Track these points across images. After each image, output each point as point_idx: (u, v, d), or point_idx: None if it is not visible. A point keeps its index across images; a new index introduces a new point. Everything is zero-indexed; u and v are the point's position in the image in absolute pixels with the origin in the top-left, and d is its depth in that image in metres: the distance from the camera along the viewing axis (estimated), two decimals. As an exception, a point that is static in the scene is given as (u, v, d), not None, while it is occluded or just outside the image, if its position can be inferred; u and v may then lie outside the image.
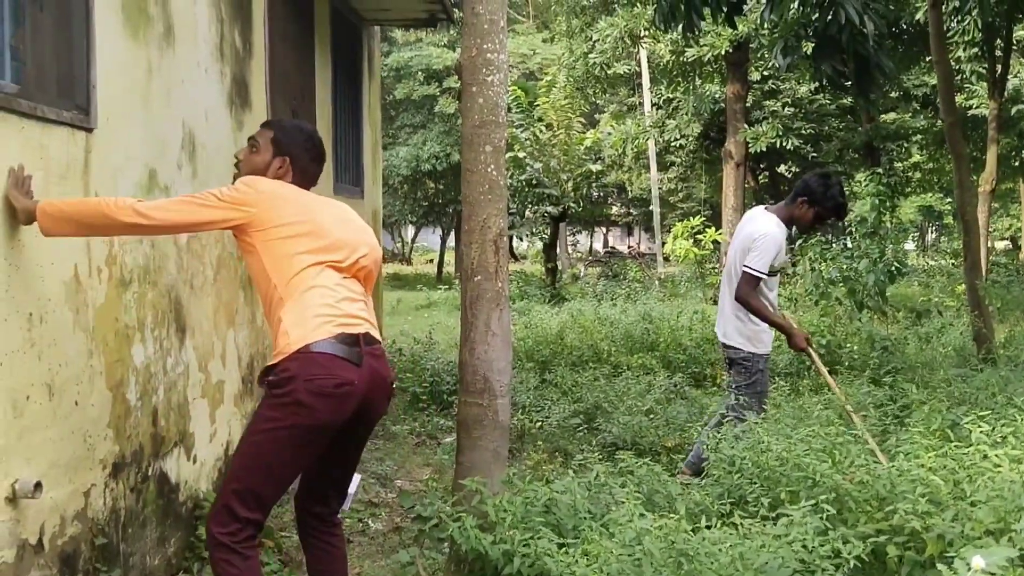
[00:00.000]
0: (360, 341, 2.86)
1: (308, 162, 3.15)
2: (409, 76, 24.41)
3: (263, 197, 2.88)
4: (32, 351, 2.79)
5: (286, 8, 5.40)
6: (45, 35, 3.01)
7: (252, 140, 3.16)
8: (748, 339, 5.05)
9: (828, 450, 3.50)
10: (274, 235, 2.85)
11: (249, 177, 2.97)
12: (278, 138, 3.11)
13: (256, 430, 2.81)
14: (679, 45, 15.60)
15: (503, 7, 3.62)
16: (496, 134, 3.70)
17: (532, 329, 9.96)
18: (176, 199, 2.93)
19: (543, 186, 16.54)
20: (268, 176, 3.04)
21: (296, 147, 3.11)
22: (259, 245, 2.86)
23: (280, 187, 2.99)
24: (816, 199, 5.02)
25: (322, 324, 2.79)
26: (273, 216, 2.86)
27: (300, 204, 2.95)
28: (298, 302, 2.81)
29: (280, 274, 2.84)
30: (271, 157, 3.08)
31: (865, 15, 5.72)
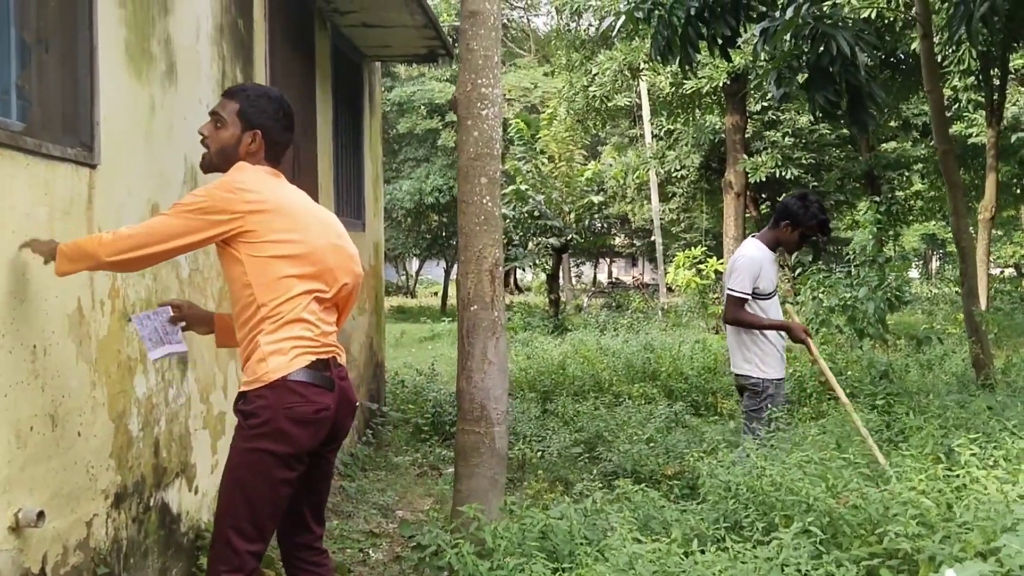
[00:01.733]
0: (331, 365, 2.88)
1: (280, 132, 2.97)
2: (412, 110, 24.65)
3: (252, 206, 2.74)
4: (36, 382, 2.85)
5: (287, 45, 5.51)
6: (50, 75, 3.10)
7: (215, 114, 2.95)
8: (755, 364, 5.13)
9: (822, 474, 3.53)
10: (265, 251, 2.75)
11: (233, 180, 2.79)
12: (244, 110, 2.91)
13: (239, 463, 2.78)
14: (678, 77, 15.76)
15: (497, 44, 3.71)
16: (491, 166, 3.78)
17: (534, 360, 10.01)
18: (151, 220, 2.81)
19: (545, 218, 16.65)
20: (240, 153, 2.90)
21: (266, 117, 2.92)
22: (245, 259, 2.75)
23: (270, 192, 2.82)
24: (798, 220, 5.16)
25: (300, 354, 2.79)
26: (263, 230, 2.75)
27: (293, 217, 2.82)
28: (281, 329, 2.77)
29: (266, 294, 2.76)
30: (240, 132, 2.91)
31: (857, 47, 5.82)
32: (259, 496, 2.77)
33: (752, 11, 6.67)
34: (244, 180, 2.80)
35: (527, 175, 16.59)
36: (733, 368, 5.31)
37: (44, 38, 3.07)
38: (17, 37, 2.93)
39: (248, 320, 2.80)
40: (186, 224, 2.72)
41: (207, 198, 2.74)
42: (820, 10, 6.28)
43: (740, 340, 5.18)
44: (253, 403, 2.75)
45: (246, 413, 2.77)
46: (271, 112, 2.93)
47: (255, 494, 2.76)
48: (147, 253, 2.72)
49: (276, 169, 2.98)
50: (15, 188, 2.75)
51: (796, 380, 8.20)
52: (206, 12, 4.20)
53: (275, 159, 2.97)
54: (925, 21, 6.70)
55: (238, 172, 2.85)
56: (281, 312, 2.78)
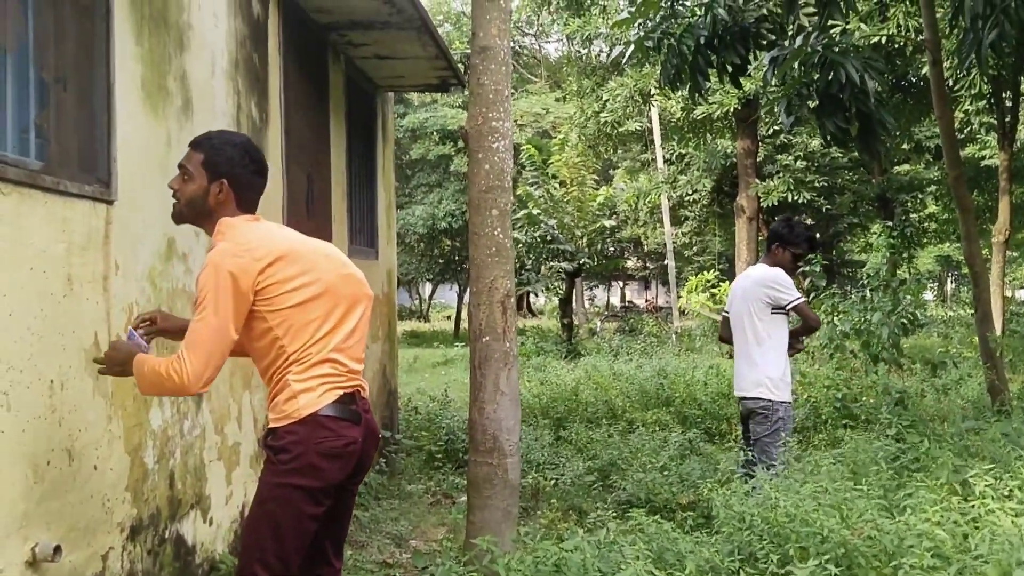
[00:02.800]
0: (356, 398, 2.90)
1: (250, 177, 2.89)
2: (425, 136, 24.81)
3: (263, 262, 2.72)
4: (53, 417, 2.88)
5: (301, 78, 5.58)
6: (68, 113, 3.15)
7: (182, 167, 2.89)
8: (766, 387, 5.13)
9: (837, 505, 3.52)
10: (286, 302, 2.75)
11: (234, 246, 2.74)
12: (209, 159, 2.84)
13: (268, 498, 2.79)
14: (689, 102, 15.82)
15: (507, 78, 3.75)
16: (502, 198, 3.81)
17: (547, 385, 10.00)
18: (194, 333, 2.68)
19: (558, 242, 16.69)
20: (210, 204, 2.84)
21: (232, 165, 2.85)
22: (268, 315, 2.75)
23: (270, 241, 2.80)
24: (787, 240, 5.34)
25: (329, 390, 2.81)
26: (279, 281, 2.74)
27: (301, 259, 2.82)
28: (311, 369, 2.79)
29: (295, 341, 2.77)
30: (207, 183, 2.84)
31: (865, 74, 5.83)
32: (287, 530, 2.78)
33: (761, 39, 6.71)
34: (241, 240, 2.77)
35: (539, 200, 16.64)
36: (740, 392, 5.30)
37: (62, 77, 3.13)
38: (36, 76, 2.99)
39: (275, 364, 2.81)
40: (224, 314, 2.67)
41: (222, 278, 2.67)
42: (829, 38, 6.31)
43: (751, 361, 5.20)
44: (284, 439, 2.77)
45: (276, 449, 2.78)
46: (237, 159, 2.86)
47: (283, 529, 2.77)
48: (217, 362, 2.70)
49: (254, 214, 2.93)
50: (33, 225, 2.80)
51: (811, 406, 8.16)
52: (221, 48, 4.27)
53: (249, 205, 2.91)
54: (935, 48, 6.72)
55: (230, 232, 2.80)
56: (310, 354, 2.80)
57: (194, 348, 2.66)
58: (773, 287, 5.21)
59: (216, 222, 2.86)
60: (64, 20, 3.12)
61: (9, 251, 2.67)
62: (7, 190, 2.67)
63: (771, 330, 5.20)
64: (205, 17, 4.08)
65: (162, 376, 2.68)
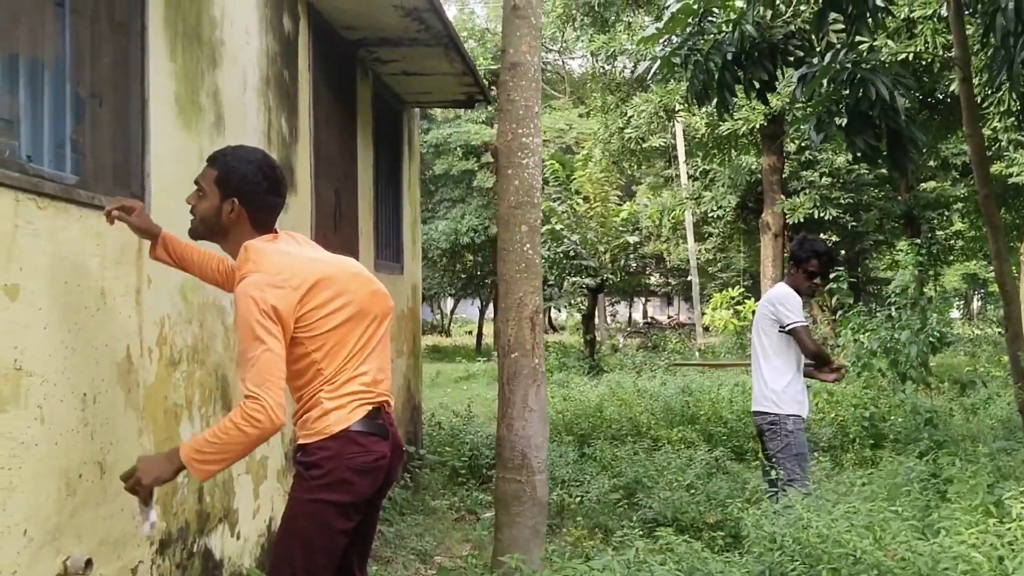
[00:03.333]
0: (382, 412, 2.90)
1: (264, 197, 2.82)
2: (448, 152, 24.89)
3: (300, 291, 2.69)
4: (85, 430, 2.89)
5: (330, 94, 5.61)
6: (103, 128, 3.18)
7: (198, 182, 2.84)
8: (771, 400, 5.10)
9: (870, 526, 3.48)
10: (323, 327, 2.74)
11: (267, 275, 2.67)
12: (222, 176, 2.78)
13: (299, 513, 2.78)
14: (714, 118, 15.80)
15: (537, 95, 3.76)
16: (531, 214, 3.81)
17: (571, 402, 9.97)
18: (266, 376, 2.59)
19: (580, 258, 16.67)
20: (223, 223, 2.79)
21: (245, 183, 2.78)
22: (306, 340, 2.72)
23: (299, 264, 2.76)
24: (800, 258, 5.30)
25: (359, 405, 2.81)
26: (317, 310, 2.73)
27: (334, 281, 2.79)
28: (344, 386, 2.79)
29: (331, 362, 2.76)
30: (219, 201, 2.78)
31: (896, 90, 5.80)
32: (318, 546, 2.77)
33: (789, 56, 6.70)
34: (273, 269, 2.70)
35: (562, 215, 16.64)
36: (754, 405, 5.31)
37: (98, 93, 3.16)
38: (72, 92, 3.02)
39: (309, 384, 2.78)
40: (276, 342, 2.63)
41: (265, 311, 2.62)
42: (858, 54, 6.28)
43: (760, 377, 5.22)
44: (315, 455, 2.75)
45: (307, 465, 2.77)
46: (250, 177, 2.78)
47: (314, 544, 2.77)
48: (279, 387, 2.63)
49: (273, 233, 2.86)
50: (68, 239, 2.82)
51: (838, 425, 8.09)
52: (253, 64, 4.30)
53: (264, 225, 2.84)
54: (964, 65, 6.68)
55: (258, 258, 2.73)
56: (344, 371, 2.80)
57: (266, 381, 2.58)
58: (777, 306, 5.20)
59: (231, 241, 2.84)
60: (100, 37, 3.15)
61: (45, 265, 2.69)
62: (43, 204, 2.69)
63: (778, 348, 5.18)
64: (237, 34, 4.12)
65: (239, 430, 2.57)
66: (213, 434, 2.60)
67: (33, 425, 2.62)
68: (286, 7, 4.83)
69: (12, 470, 2.53)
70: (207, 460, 2.61)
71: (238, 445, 2.61)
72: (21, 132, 2.76)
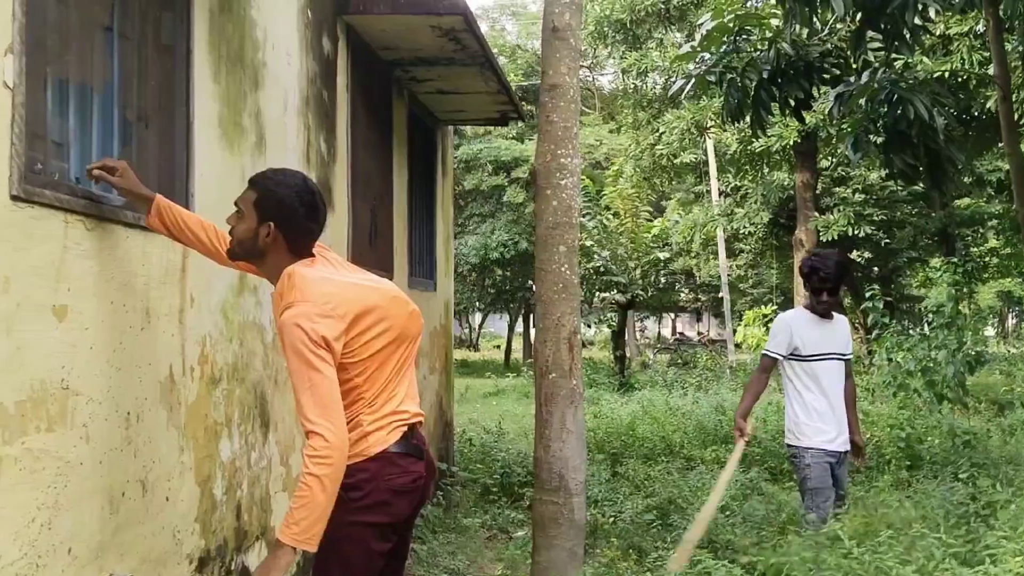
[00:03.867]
0: (416, 432, 2.90)
1: (301, 222, 2.78)
2: (478, 167, 24.98)
3: (346, 319, 2.67)
4: (129, 448, 2.92)
5: (367, 114, 5.66)
6: (150, 150, 3.23)
7: (237, 204, 2.83)
8: (791, 431, 5.01)
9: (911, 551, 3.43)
10: (366, 352, 2.74)
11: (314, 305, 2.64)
12: (261, 199, 2.77)
13: (338, 536, 2.74)
14: (746, 135, 15.74)
15: (576, 116, 3.76)
16: (569, 235, 3.81)
17: (602, 419, 9.93)
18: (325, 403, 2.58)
19: (611, 274, 16.64)
20: (260, 246, 2.78)
21: (282, 207, 2.75)
22: (349, 364, 2.70)
23: (344, 290, 2.74)
24: (802, 275, 5.14)
25: (396, 427, 2.82)
26: (361, 336, 2.72)
27: (376, 307, 2.78)
28: (383, 407, 2.80)
29: (372, 384, 2.77)
30: (256, 224, 2.76)
31: (935, 110, 5.76)
32: (356, 568, 2.77)
33: (825, 73, 6.67)
34: (319, 298, 2.67)
35: (592, 231, 16.63)
36: None
37: (144, 115, 3.21)
38: (120, 115, 3.07)
39: (349, 406, 2.75)
40: (325, 373, 2.60)
41: (316, 342, 2.59)
42: (894, 72, 6.24)
43: (788, 404, 5.08)
44: (355, 476, 2.74)
45: (347, 487, 2.73)
46: (287, 202, 2.75)
47: (353, 567, 2.76)
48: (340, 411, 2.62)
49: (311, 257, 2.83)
50: (115, 260, 2.86)
51: (874, 445, 7.99)
52: (293, 85, 4.35)
53: (301, 250, 2.80)
54: (1004, 83, 6.62)
55: (303, 286, 2.69)
56: (384, 393, 2.81)
57: (327, 409, 2.57)
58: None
59: (268, 264, 2.84)
60: (147, 61, 3.20)
61: (93, 285, 2.73)
62: (91, 225, 2.73)
63: (791, 375, 5.04)
64: (279, 56, 4.17)
65: (313, 477, 2.54)
66: (295, 500, 2.56)
67: (79, 444, 2.65)
68: (326, 29, 4.89)
69: (58, 489, 2.55)
70: (305, 526, 2.55)
71: (322, 491, 2.56)
72: (71, 155, 2.80)
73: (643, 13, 15.96)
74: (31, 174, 2.48)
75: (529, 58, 28.77)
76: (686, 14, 15.82)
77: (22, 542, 2.39)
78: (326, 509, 2.58)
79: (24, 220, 2.40)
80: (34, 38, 2.50)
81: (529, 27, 32.06)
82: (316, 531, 2.57)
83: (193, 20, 3.38)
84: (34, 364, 2.44)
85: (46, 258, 2.50)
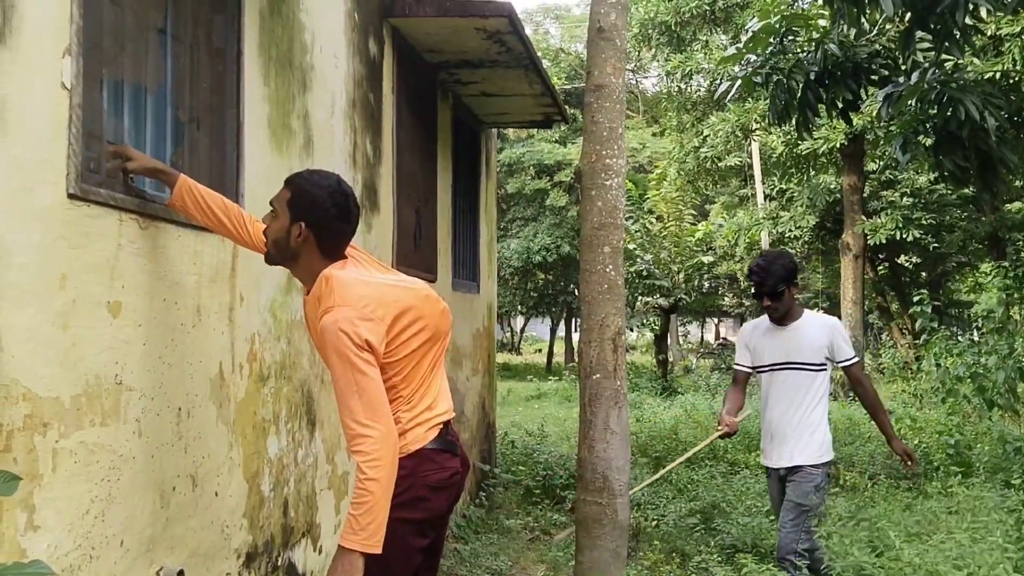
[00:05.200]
0: (450, 428, 2.93)
1: (332, 223, 2.77)
2: (521, 171, 25.00)
3: (386, 321, 2.69)
4: (179, 443, 2.97)
5: (412, 116, 5.70)
6: (201, 151, 3.29)
7: (272, 204, 2.86)
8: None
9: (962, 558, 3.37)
10: (403, 351, 2.76)
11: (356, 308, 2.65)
12: (294, 198, 2.78)
13: None
14: (792, 137, 15.58)
15: (621, 116, 3.76)
16: (614, 235, 3.80)
17: (645, 423, 9.89)
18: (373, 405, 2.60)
19: (654, 278, 16.56)
20: (292, 246, 2.77)
21: (313, 207, 2.75)
22: (387, 364, 2.72)
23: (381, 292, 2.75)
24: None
25: (432, 425, 2.85)
26: (399, 336, 2.75)
27: (411, 307, 2.79)
28: (420, 404, 2.82)
29: (408, 382, 2.79)
30: (288, 223, 2.77)
31: (986, 110, 5.66)
32: (395, 565, 2.78)
33: (873, 75, 6.58)
34: (358, 301, 2.68)
35: (635, 235, 16.57)
36: None
37: (196, 116, 3.26)
38: (173, 116, 3.13)
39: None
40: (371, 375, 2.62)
41: (359, 345, 2.61)
42: (944, 73, 6.15)
43: None
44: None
45: None
46: (319, 202, 2.75)
47: (391, 563, 2.77)
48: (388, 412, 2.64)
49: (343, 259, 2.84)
50: (167, 258, 2.91)
51: (922, 452, 7.86)
52: (340, 88, 4.40)
53: (333, 251, 2.81)
54: (1059, 83, 6.48)
55: (341, 290, 2.70)
56: (420, 391, 2.84)
57: (376, 410, 2.60)
58: None
59: (301, 265, 2.84)
60: (199, 63, 3.26)
61: (146, 283, 2.78)
62: (145, 224, 2.78)
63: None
64: (327, 58, 4.22)
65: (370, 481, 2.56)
66: (358, 507, 2.58)
67: (131, 439, 2.70)
68: (372, 32, 4.93)
69: (111, 482, 2.61)
70: (372, 531, 2.57)
71: (383, 495, 2.58)
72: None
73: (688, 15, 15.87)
74: (88, 173, 2.54)
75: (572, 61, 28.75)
76: (731, 16, 15.70)
77: (76, 534, 2.45)
78: (387, 510, 2.59)
79: (80, 218, 2.46)
80: (91, 40, 2.57)
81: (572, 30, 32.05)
82: (382, 534, 2.59)
83: (244, 23, 3.43)
84: (89, 359, 2.50)
85: (101, 256, 2.56)
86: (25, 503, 2.24)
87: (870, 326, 24.38)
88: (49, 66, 2.34)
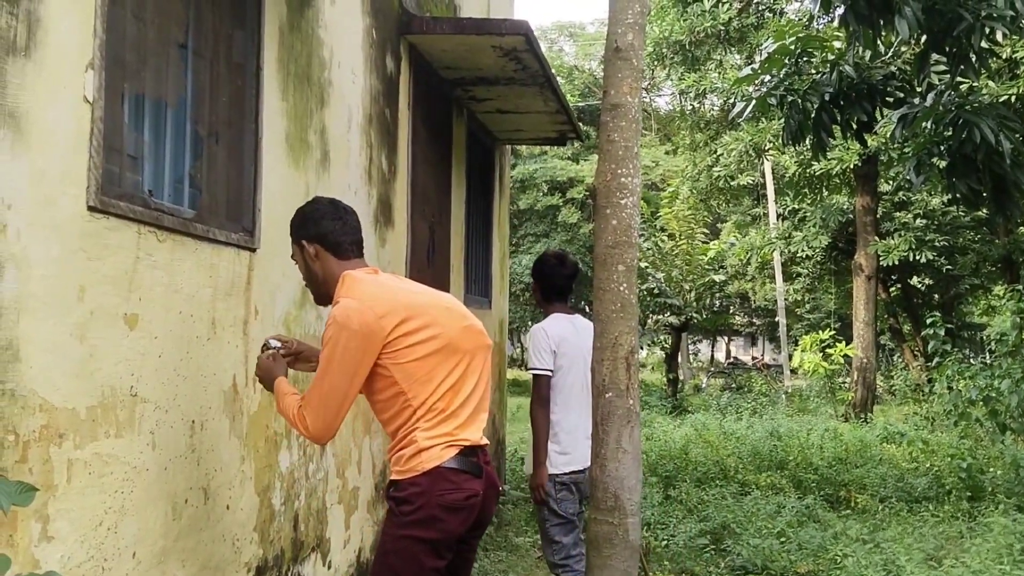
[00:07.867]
0: (478, 450, 2.90)
1: (327, 221, 2.91)
2: (533, 187, 25.06)
3: (390, 321, 2.72)
4: (192, 456, 2.98)
5: (427, 132, 5.73)
6: (219, 165, 3.31)
7: (292, 258, 3.03)
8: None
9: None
10: (410, 355, 2.75)
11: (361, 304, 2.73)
12: (292, 232, 2.97)
13: (390, 550, 2.78)
14: (805, 157, 15.57)
15: (637, 135, 3.76)
16: (628, 254, 3.79)
17: (655, 442, 9.85)
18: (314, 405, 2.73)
19: (665, 296, 16.52)
20: (316, 270, 2.91)
21: (304, 218, 2.94)
22: (392, 369, 2.74)
23: (392, 297, 2.80)
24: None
25: (451, 443, 2.81)
26: (403, 339, 2.74)
27: (423, 313, 2.81)
28: (439, 425, 2.79)
29: (421, 393, 2.77)
30: (301, 252, 2.94)
31: (1001, 133, 5.65)
32: None
33: (888, 96, 6.58)
34: (365, 296, 2.76)
35: (647, 252, 16.55)
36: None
37: (215, 131, 3.29)
38: (192, 130, 3.15)
39: (400, 419, 2.80)
40: (345, 373, 2.71)
41: (348, 337, 2.69)
42: (959, 95, 6.14)
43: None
44: (407, 490, 2.76)
45: (399, 500, 2.78)
46: (307, 211, 2.94)
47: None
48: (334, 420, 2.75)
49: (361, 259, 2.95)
50: (184, 271, 2.93)
51: (934, 475, 7.82)
52: (357, 104, 4.42)
53: (345, 250, 2.91)
54: (1075, 107, 6.46)
55: (352, 285, 2.81)
56: (437, 407, 2.80)
57: (312, 408, 2.74)
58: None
59: (328, 283, 2.90)
60: (219, 78, 3.29)
61: (162, 295, 2.80)
62: (163, 237, 2.80)
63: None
64: (344, 74, 4.24)
65: (293, 419, 2.81)
66: (285, 406, 2.82)
67: (145, 450, 2.71)
68: (390, 48, 4.97)
69: (124, 493, 2.61)
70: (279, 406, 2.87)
71: (289, 422, 2.85)
72: (144, 168, 2.88)
73: (702, 35, 15.89)
74: (108, 185, 2.56)
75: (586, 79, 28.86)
76: (745, 36, 15.72)
77: (89, 545, 2.45)
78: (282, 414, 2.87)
79: (100, 230, 2.48)
80: (113, 55, 2.59)
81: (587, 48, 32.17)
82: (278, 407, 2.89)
83: (263, 39, 3.46)
84: (105, 371, 2.51)
85: (119, 268, 2.57)
86: (39, 514, 2.25)
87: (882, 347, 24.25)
88: (72, 80, 2.36)
